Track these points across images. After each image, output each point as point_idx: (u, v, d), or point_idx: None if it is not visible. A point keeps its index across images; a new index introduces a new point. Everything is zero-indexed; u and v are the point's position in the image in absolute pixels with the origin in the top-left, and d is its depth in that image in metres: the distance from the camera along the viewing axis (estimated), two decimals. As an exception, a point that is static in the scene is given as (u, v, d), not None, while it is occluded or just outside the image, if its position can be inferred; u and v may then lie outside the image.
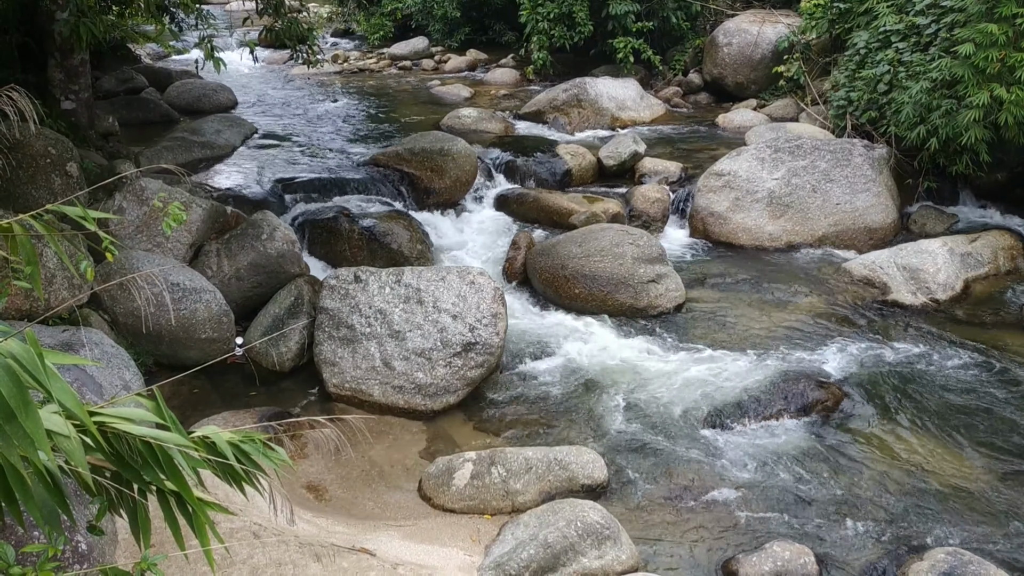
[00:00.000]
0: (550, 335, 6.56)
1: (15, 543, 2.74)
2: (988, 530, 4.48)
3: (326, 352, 5.84)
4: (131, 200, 6.43)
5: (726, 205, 8.45)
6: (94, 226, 2.01)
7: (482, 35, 17.98)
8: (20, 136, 5.68)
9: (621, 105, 12.16)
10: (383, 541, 4.21)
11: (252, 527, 3.93)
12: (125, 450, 1.64)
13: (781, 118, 11.39)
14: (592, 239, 7.16)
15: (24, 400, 1.40)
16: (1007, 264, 7.63)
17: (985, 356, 6.18)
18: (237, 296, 6.38)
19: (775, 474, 4.95)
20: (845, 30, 10.96)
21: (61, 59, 7.71)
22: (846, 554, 4.32)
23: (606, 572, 4.02)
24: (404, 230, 7.64)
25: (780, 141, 8.96)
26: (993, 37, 7.26)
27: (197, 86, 12.57)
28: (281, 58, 16.37)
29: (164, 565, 2.20)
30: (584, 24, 13.93)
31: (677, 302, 6.95)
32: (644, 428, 5.41)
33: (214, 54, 6.64)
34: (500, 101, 13.42)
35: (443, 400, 5.65)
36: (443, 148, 8.81)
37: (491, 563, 4.04)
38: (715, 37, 13.18)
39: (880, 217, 8.36)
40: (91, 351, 4.87)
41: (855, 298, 7.13)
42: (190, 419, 5.15)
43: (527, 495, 4.63)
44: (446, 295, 5.87)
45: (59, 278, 5.40)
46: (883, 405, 5.60)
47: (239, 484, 1.81)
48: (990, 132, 7.65)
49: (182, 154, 9.31)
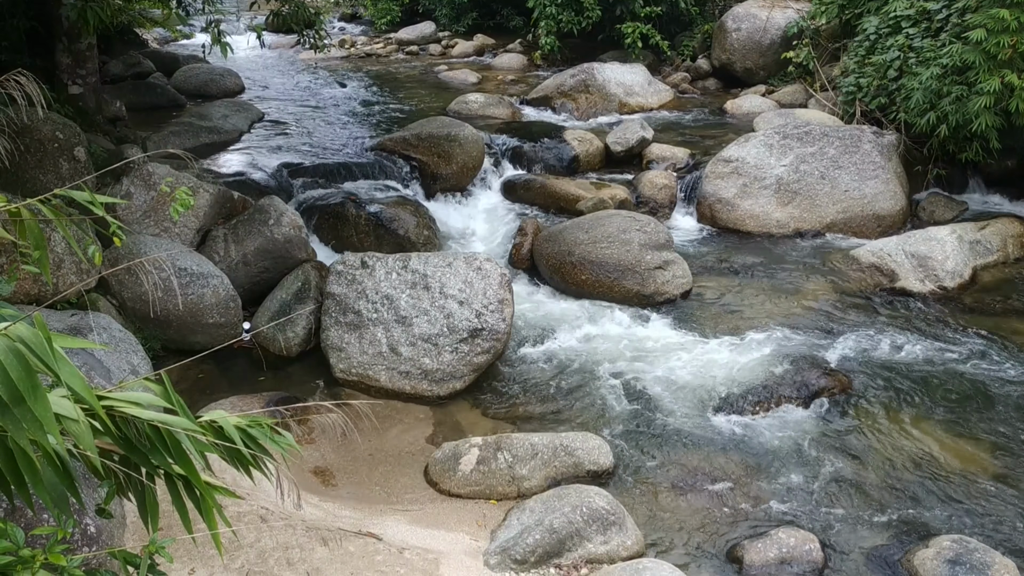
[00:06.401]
0: (556, 321, 6.56)
1: (25, 526, 2.76)
2: (994, 518, 4.47)
3: (333, 337, 5.86)
4: (138, 185, 6.44)
5: (734, 191, 8.42)
6: (102, 211, 2.01)
7: (489, 20, 17.90)
8: (28, 121, 5.69)
9: (629, 91, 12.10)
10: (389, 525, 4.23)
11: (259, 511, 3.95)
12: (133, 434, 1.64)
13: (790, 104, 11.32)
14: (599, 225, 7.15)
15: (33, 384, 1.41)
16: (1016, 252, 7.59)
17: (993, 344, 6.16)
18: (244, 281, 6.39)
19: (781, 461, 4.95)
20: (855, 15, 10.87)
21: (68, 44, 7.71)
22: (851, 541, 4.32)
23: (611, 558, 4.03)
24: (411, 216, 7.63)
25: (789, 127, 8.91)
26: (1005, 23, 7.19)
27: (204, 71, 12.55)
28: (288, 43, 16.32)
29: (172, 548, 2.21)
30: (592, 9, 13.85)
31: (684, 289, 6.94)
32: (650, 414, 5.41)
33: (221, 39, 6.62)
34: (507, 86, 13.37)
35: (449, 386, 5.67)
36: (450, 134, 8.78)
37: (497, 548, 4.06)
38: (724, 22, 13.09)
39: (889, 204, 8.32)
40: (99, 335, 4.89)
41: (863, 285, 7.11)
42: (198, 403, 5.17)
43: (533, 481, 4.65)
44: (453, 281, 5.87)
45: (67, 263, 5.42)
46: (890, 393, 5.59)
47: (246, 468, 1.82)
48: (1000, 119, 7.59)
49: (189, 139, 9.31)
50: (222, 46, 6.59)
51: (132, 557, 1.99)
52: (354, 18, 21.62)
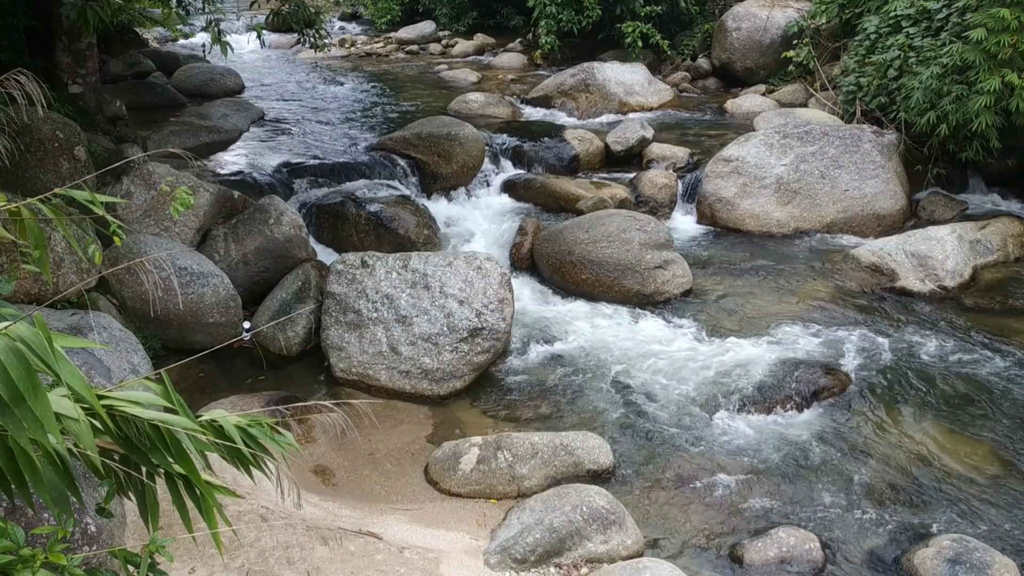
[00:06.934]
0: (556, 321, 6.56)
1: (25, 525, 2.76)
2: (994, 517, 4.48)
3: (333, 337, 5.86)
4: (139, 184, 6.44)
5: (734, 191, 8.42)
6: (102, 210, 2.01)
7: (490, 19, 17.90)
8: (28, 120, 5.69)
9: (629, 90, 12.10)
10: (390, 525, 4.23)
11: (259, 510, 3.95)
12: (133, 433, 1.65)
13: (790, 103, 11.32)
14: (599, 225, 7.15)
15: (33, 383, 1.41)
16: (1016, 251, 7.59)
17: (993, 343, 6.16)
18: (244, 280, 6.40)
19: (781, 460, 4.95)
20: (855, 15, 10.87)
21: (68, 43, 7.71)
22: (851, 540, 4.33)
23: (611, 557, 4.04)
24: (411, 215, 7.63)
25: (789, 127, 8.91)
26: (1005, 22, 7.19)
27: (204, 70, 12.55)
28: (288, 42, 16.33)
29: (172, 547, 2.22)
30: (592, 8, 13.84)
31: (684, 288, 6.95)
32: (650, 413, 5.41)
33: (221, 38, 6.62)
34: (507, 86, 13.36)
35: (449, 385, 5.67)
36: (450, 133, 8.78)
37: (497, 547, 4.06)
38: (724, 22, 13.08)
39: (889, 204, 8.32)
40: (99, 335, 4.89)
41: (863, 285, 7.11)
42: (198, 403, 5.16)
43: (533, 480, 4.65)
44: (453, 280, 5.87)
45: (67, 262, 5.42)
46: (890, 392, 5.59)
47: (246, 468, 1.82)
48: (1001, 118, 7.58)
49: (189, 138, 9.31)
50: (222, 45, 6.60)
51: (132, 556, 1.99)
52: (354, 17, 21.61)
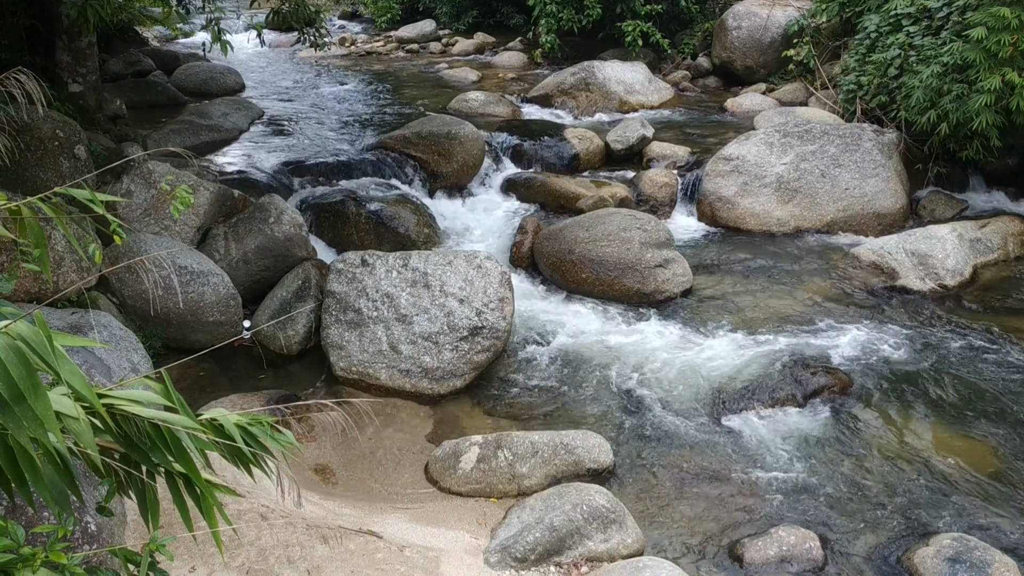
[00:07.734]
0: (557, 320, 6.56)
1: (25, 523, 2.76)
2: (994, 516, 4.47)
3: (333, 336, 5.86)
4: (139, 183, 6.44)
5: (734, 190, 8.42)
6: (102, 209, 2.01)
7: (490, 18, 17.89)
8: (28, 119, 5.69)
9: (629, 89, 12.09)
10: (390, 523, 4.23)
11: (260, 509, 3.95)
12: (134, 432, 1.65)
13: (790, 102, 11.31)
14: (599, 224, 7.15)
15: (34, 382, 1.41)
16: (1017, 250, 7.59)
17: (993, 342, 6.16)
18: (245, 279, 6.40)
19: (781, 459, 4.95)
20: (855, 13, 10.86)
21: (68, 42, 7.70)
22: (851, 539, 4.33)
23: (611, 556, 4.04)
24: (411, 214, 7.63)
25: (789, 126, 8.91)
26: (1006, 21, 7.18)
27: (204, 69, 12.55)
28: (288, 41, 16.29)
29: (173, 546, 2.22)
30: (592, 7, 13.84)
31: (684, 287, 6.94)
32: (650, 412, 5.42)
33: (221, 37, 6.62)
34: (508, 84, 13.36)
35: (450, 384, 5.67)
36: (450, 132, 8.78)
37: (497, 546, 4.06)
38: (724, 20, 13.08)
39: (889, 202, 8.32)
40: (99, 333, 4.89)
41: (863, 284, 7.11)
42: (198, 402, 5.17)
43: (533, 479, 4.65)
44: (453, 279, 5.87)
45: (67, 261, 5.42)
46: (890, 391, 5.59)
47: (247, 466, 1.82)
48: (1001, 117, 7.58)
49: (189, 137, 9.31)
50: (222, 44, 6.59)
51: (133, 555, 1.99)
52: (354, 16, 21.61)
